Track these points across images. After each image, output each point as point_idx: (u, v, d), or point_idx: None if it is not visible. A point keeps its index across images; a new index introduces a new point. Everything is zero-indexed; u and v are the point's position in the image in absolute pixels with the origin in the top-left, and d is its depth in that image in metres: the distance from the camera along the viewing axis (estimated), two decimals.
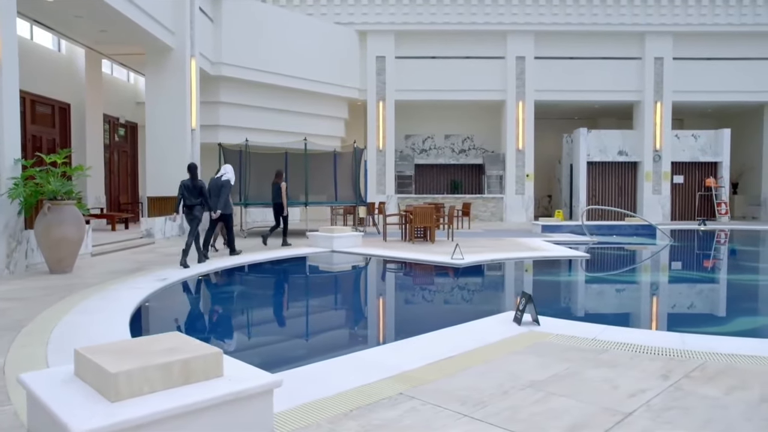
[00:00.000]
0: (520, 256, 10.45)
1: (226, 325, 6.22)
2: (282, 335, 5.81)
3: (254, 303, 7.56)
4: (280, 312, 6.98)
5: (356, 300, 8.02)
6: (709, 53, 21.73)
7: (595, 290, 8.44)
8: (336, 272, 10.50)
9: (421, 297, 8.01)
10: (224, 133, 17.54)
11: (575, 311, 6.84)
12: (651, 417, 2.95)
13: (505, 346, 4.36)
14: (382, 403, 3.16)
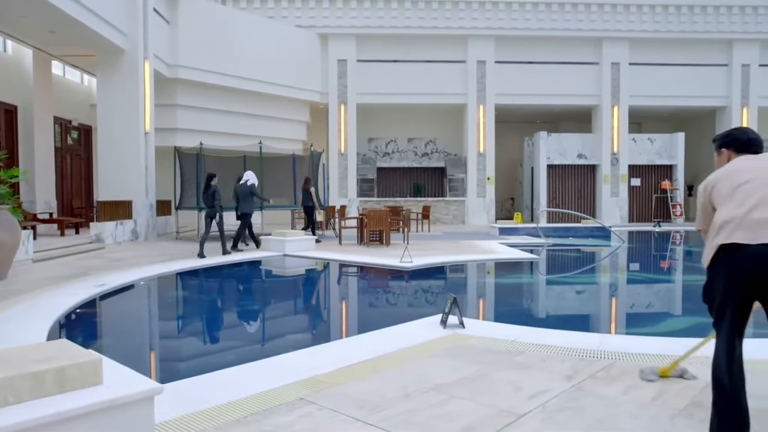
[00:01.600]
0: (471, 259, 10.52)
1: (150, 330, 6.10)
2: (204, 341, 5.72)
3: (187, 308, 7.46)
4: (209, 317, 6.86)
5: (291, 304, 7.94)
6: (664, 59, 22.24)
7: (531, 292, 8.55)
8: (281, 276, 10.39)
9: (360, 300, 8.00)
10: (182, 136, 17.29)
11: (504, 313, 6.89)
12: (543, 418, 2.98)
13: (424, 349, 4.37)
14: (279, 408, 3.13)
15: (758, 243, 2.31)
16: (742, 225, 2.37)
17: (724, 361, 2.46)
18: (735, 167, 2.63)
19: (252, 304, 7.69)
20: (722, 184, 2.59)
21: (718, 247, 2.44)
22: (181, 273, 9.25)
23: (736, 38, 21.83)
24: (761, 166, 2.57)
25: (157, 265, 9.44)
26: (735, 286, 2.37)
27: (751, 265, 2.32)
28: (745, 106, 22.25)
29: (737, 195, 2.49)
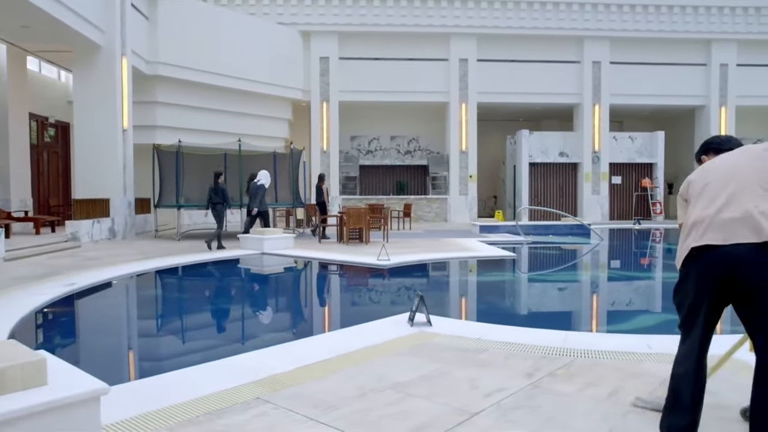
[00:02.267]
0: (448, 257, 10.54)
1: (114, 330, 6.00)
2: (167, 340, 5.65)
3: (154, 308, 7.38)
4: (175, 317, 6.79)
5: (262, 303, 7.86)
6: (645, 58, 22.42)
7: (503, 290, 8.58)
8: (255, 275, 10.34)
9: (332, 299, 7.99)
10: (163, 133, 17.13)
11: (474, 311, 6.92)
12: (496, 417, 2.99)
13: (388, 347, 4.37)
14: (234, 408, 3.11)
15: (729, 243, 2.29)
16: (713, 225, 2.34)
17: (692, 364, 2.43)
18: (709, 165, 2.62)
19: (222, 304, 7.62)
20: (697, 181, 2.58)
21: (691, 249, 2.43)
22: (154, 272, 9.16)
23: (714, 38, 22.08)
24: (732, 161, 2.53)
25: (131, 264, 9.35)
26: (707, 288, 2.35)
27: (722, 266, 2.29)
28: (723, 105, 22.53)
29: (706, 193, 2.47)
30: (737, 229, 2.27)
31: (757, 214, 2.26)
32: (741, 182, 2.39)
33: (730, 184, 2.40)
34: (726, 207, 2.35)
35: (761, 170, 2.39)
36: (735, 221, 2.29)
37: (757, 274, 2.22)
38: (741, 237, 2.25)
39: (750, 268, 2.23)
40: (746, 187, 2.36)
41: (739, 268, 2.24)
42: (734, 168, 2.47)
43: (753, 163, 2.44)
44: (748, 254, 2.23)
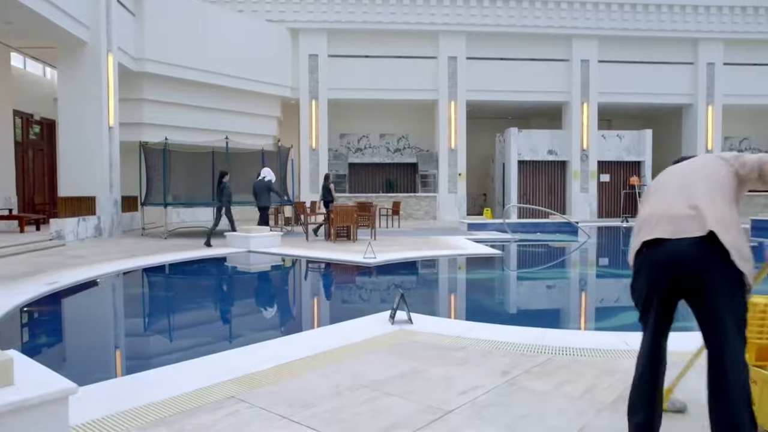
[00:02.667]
0: (434, 255, 10.54)
1: (93, 329, 5.94)
2: (146, 340, 5.60)
3: (134, 306, 7.32)
4: (156, 316, 6.75)
5: (245, 301, 7.82)
6: (633, 57, 22.53)
7: (487, 288, 8.56)
8: (240, 273, 10.29)
9: (317, 297, 7.97)
10: (150, 131, 17.01)
11: (457, 309, 6.92)
12: (469, 414, 2.99)
13: (367, 345, 4.36)
14: (206, 407, 3.09)
15: (678, 237, 2.31)
16: (662, 220, 2.37)
17: (648, 358, 2.45)
18: (666, 170, 2.71)
19: (204, 302, 7.58)
20: (654, 184, 2.67)
21: (642, 244, 2.45)
22: (138, 270, 9.10)
23: (701, 37, 22.22)
24: (685, 165, 2.61)
25: (115, 263, 9.28)
26: (657, 281, 2.37)
27: (670, 260, 2.31)
28: (710, 104, 22.68)
29: (658, 192, 2.53)
30: (685, 223, 2.30)
31: (705, 211, 2.30)
32: (691, 181, 2.44)
33: (682, 183, 2.47)
34: (675, 203, 2.39)
35: (711, 172, 2.46)
36: (683, 216, 2.33)
37: (701, 268, 2.24)
38: (688, 231, 2.28)
39: (695, 262, 2.25)
40: (695, 186, 2.41)
41: (685, 262, 2.27)
42: (688, 169, 2.55)
43: (705, 166, 2.52)
44: (694, 249, 2.26)
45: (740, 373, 2.22)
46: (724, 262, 2.23)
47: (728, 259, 2.23)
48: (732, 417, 2.18)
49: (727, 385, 2.21)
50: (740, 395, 2.20)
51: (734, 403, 2.20)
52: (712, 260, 2.24)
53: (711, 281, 2.24)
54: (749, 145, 25.39)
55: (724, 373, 2.23)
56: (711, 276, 2.24)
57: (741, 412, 2.19)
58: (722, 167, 2.46)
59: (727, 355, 2.23)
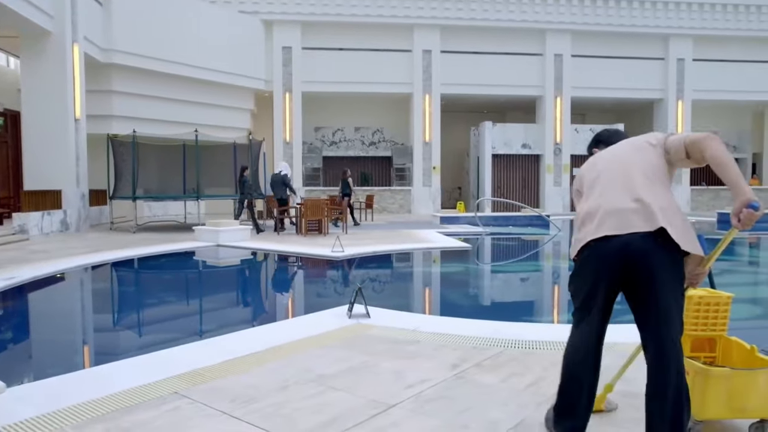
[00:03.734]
0: (403, 248, 10.55)
1: (45, 325, 5.82)
2: (98, 335, 5.50)
3: (92, 302, 7.15)
4: (112, 311, 6.62)
5: (206, 296, 7.67)
6: (605, 52, 22.76)
7: (451, 281, 8.59)
8: (205, 267, 10.16)
9: (280, 291, 7.93)
10: (119, 123, 16.72)
11: (417, 302, 6.94)
12: (412, 408, 2.98)
13: (322, 339, 4.34)
14: (148, 404, 3.04)
15: (626, 233, 2.31)
16: (608, 216, 2.37)
17: (592, 350, 2.45)
18: (597, 157, 2.67)
19: (163, 297, 7.45)
20: (588, 173, 2.63)
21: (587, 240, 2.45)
22: (101, 265, 8.96)
23: (672, 33, 22.54)
24: (618, 152, 2.58)
25: (79, 257, 9.13)
26: (604, 275, 2.37)
27: (619, 255, 2.31)
28: (680, 99, 23.04)
29: (598, 185, 2.50)
30: (631, 218, 2.31)
31: (649, 203, 2.31)
32: (629, 172, 2.44)
33: (620, 175, 2.45)
34: (618, 197, 2.38)
35: (644, 161, 2.46)
36: (628, 211, 2.33)
37: (650, 262, 2.26)
38: (636, 226, 2.29)
39: (644, 256, 2.26)
40: (634, 177, 2.41)
41: (635, 256, 2.28)
42: (622, 159, 2.52)
43: (637, 154, 2.50)
44: (643, 243, 2.27)
45: (681, 362, 2.25)
46: (670, 253, 2.27)
47: (674, 251, 2.27)
48: (674, 407, 2.21)
49: (671, 375, 2.23)
50: (682, 385, 2.23)
51: (677, 392, 2.22)
52: (660, 251, 2.26)
53: (659, 271, 2.26)
54: None
55: (668, 364, 2.24)
56: (659, 266, 2.26)
57: (682, 401, 2.22)
58: (653, 154, 2.47)
59: (670, 344, 2.25)
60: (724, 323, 2.93)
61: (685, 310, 2.87)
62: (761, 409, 2.62)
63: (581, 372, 2.46)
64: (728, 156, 2.30)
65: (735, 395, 2.59)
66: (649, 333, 2.30)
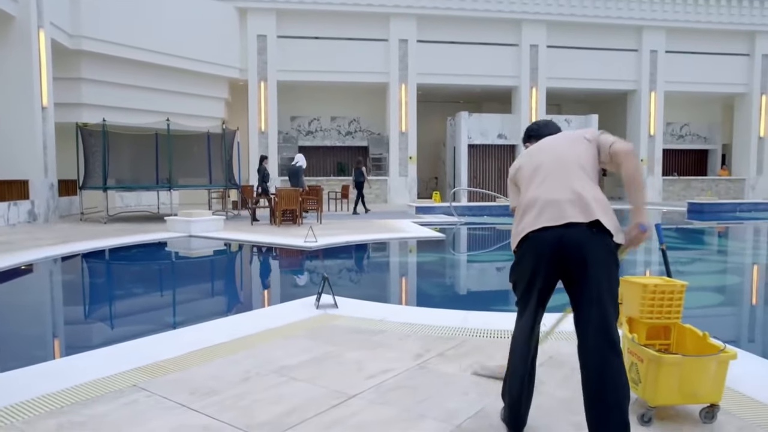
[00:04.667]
0: (377, 238, 10.55)
1: (4, 317, 5.68)
2: (61, 328, 5.38)
3: (55, 294, 6.98)
4: (76, 303, 6.47)
5: (174, 287, 7.52)
6: (580, 43, 22.92)
7: (422, 270, 8.60)
8: (175, 258, 10.00)
9: (250, 281, 7.88)
10: (89, 112, 16.39)
11: (387, 292, 6.94)
12: (372, 399, 2.99)
13: (287, 330, 4.32)
14: (104, 397, 3.00)
15: (562, 224, 2.36)
16: (547, 207, 2.41)
17: (526, 338, 2.52)
18: (534, 149, 2.73)
19: (131, 289, 7.30)
20: (525, 165, 2.66)
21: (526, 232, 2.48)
22: (68, 256, 8.79)
23: (645, 25, 22.79)
24: (555, 145, 2.63)
25: (45, 249, 8.95)
26: (541, 266, 2.42)
27: (556, 245, 2.36)
28: (653, 90, 23.34)
29: (536, 177, 2.55)
30: (568, 209, 2.36)
31: (584, 195, 2.37)
32: (565, 165, 2.50)
33: (557, 167, 2.50)
34: (555, 189, 2.44)
35: (580, 154, 2.52)
36: (565, 202, 2.38)
37: (586, 251, 2.31)
38: (572, 217, 2.34)
39: (580, 245, 2.32)
40: (570, 170, 2.47)
41: (571, 246, 2.33)
42: (558, 151, 2.58)
43: (573, 147, 2.56)
44: (578, 233, 2.33)
45: (613, 341, 2.28)
46: (605, 242, 2.33)
47: (608, 239, 2.34)
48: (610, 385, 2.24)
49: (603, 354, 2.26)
50: (617, 364, 2.26)
51: (611, 370, 2.25)
52: (595, 241, 2.32)
53: (594, 259, 2.30)
54: (689, 131, 26.32)
55: (600, 343, 2.28)
56: (594, 255, 2.31)
57: (619, 380, 2.25)
58: (588, 148, 2.54)
59: (604, 325, 2.28)
60: (678, 311, 2.98)
61: (641, 298, 2.93)
62: (711, 395, 2.68)
63: (518, 362, 2.53)
64: (641, 178, 2.46)
65: (686, 381, 2.65)
66: (583, 314, 2.35)
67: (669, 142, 25.57)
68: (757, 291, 7.12)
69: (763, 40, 23.87)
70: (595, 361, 2.28)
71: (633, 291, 2.97)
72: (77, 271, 8.67)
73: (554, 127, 2.89)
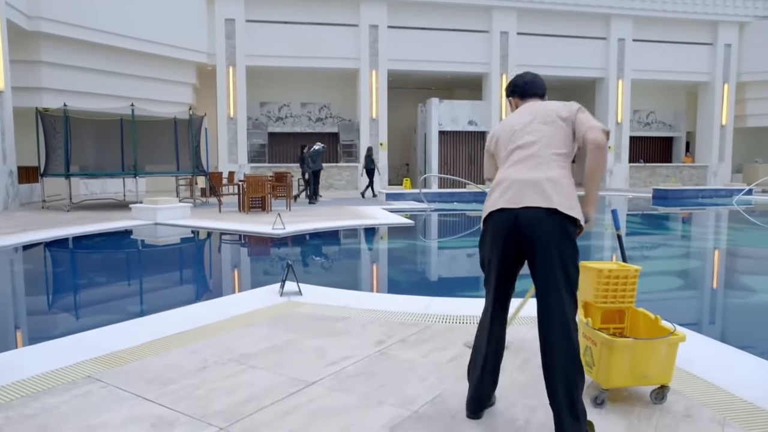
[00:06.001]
0: (345, 225, 10.52)
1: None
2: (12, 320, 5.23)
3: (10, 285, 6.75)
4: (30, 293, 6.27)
5: (136, 276, 7.36)
6: (551, 30, 23.07)
7: (390, 257, 8.61)
8: (139, 246, 9.79)
9: (215, 269, 7.77)
10: (49, 96, 15.91)
11: (354, 279, 6.93)
12: (330, 386, 2.98)
13: (249, 318, 4.28)
14: (57, 389, 2.93)
15: (520, 206, 2.37)
16: (511, 188, 2.44)
17: (488, 319, 2.55)
18: (512, 120, 2.69)
19: (96, 277, 7.14)
20: (504, 138, 2.65)
21: (488, 210, 2.51)
22: (28, 245, 8.56)
23: (613, 13, 23.03)
24: (529, 121, 2.60)
25: (3, 237, 8.69)
26: (498, 246, 2.46)
27: (512, 226, 2.39)
28: (621, 78, 23.66)
29: (511, 156, 2.56)
30: (528, 193, 2.38)
31: (546, 182, 2.39)
32: (538, 147, 2.50)
33: (530, 149, 2.50)
34: (522, 171, 2.46)
35: (551, 136, 2.52)
36: (528, 186, 2.40)
37: (539, 231, 2.34)
38: (530, 201, 2.37)
39: (533, 226, 2.34)
40: (540, 153, 2.48)
41: (525, 226, 2.36)
42: (533, 131, 2.55)
43: (548, 128, 2.54)
44: (533, 215, 2.35)
45: (568, 320, 2.32)
46: (560, 224, 2.35)
47: (564, 222, 2.36)
48: (565, 360, 2.29)
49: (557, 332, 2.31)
50: (571, 342, 2.31)
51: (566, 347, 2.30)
52: (550, 222, 2.35)
53: (550, 241, 2.33)
54: (655, 119, 26.79)
55: (555, 321, 2.33)
56: (550, 237, 2.34)
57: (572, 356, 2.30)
58: (561, 127, 2.53)
59: (559, 308, 2.32)
60: (632, 295, 3.04)
61: (596, 283, 2.97)
62: (661, 376, 2.75)
63: (479, 342, 2.56)
64: (601, 174, 2.48)
65: (637, 364, 2.70)
66: (540, 293, 2.39)
67: (636, 130, 26.02)
68: (711, 275, 7.32)
69: (725, 30, 24.38)
70: (551, 338, 2.32)
71: (588, 276, 3.01)
72: (37, 260, 8.45)
73: (539, 87, 2.82)
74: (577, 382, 2.29)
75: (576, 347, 2.33)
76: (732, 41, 24.53)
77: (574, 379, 2.28)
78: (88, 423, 2.56)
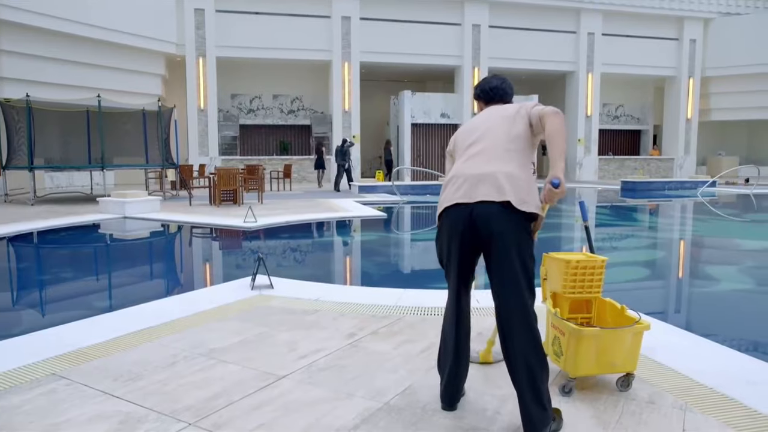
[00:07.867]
0: (318, 218, 10.49)
1: None
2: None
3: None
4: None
5: (103, 271, 7.16)
6: (522, 24, 23.24)
7: (362, 249, 8.61)
8: (106, 241, 9.56)
9: (184, 263, 7.66)
10: (11, 86, 15.43)
11: (325, 272, 6.92)
12: (301, 379, 2.97)
13: (220, 312, 4.24)
14: (20, 387, 2.86)
15: (474, 201, 2.40)
16: (465, 183, 2.46)
17: (451, 312, 2.59)
18: (472, 123, 2.73)
19: (61, 273, 6.95)
20: (461, 138, 2.69)
21: (443, 206, 2.53)
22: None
23: (583, 8, 23.31)
24: (488, 120, 2.64)
25: None
26: (455, 240, 2.48)
27: (467, 220, 2.41)
28: (590, 72, 23.99)
29: (466, 153, 2.59)
30: (482, 187, 2.40)
31: (500, 175, 2.41)
32: (492, 142, 2.53)
33: (484, 146, 2.53)
34: (477, 166, 2.48)
35: (509, 132, 2.55)
36: (482, 181, 2.42)
37: (494, 226, 2.36)
38: (485, 195, 2.39)
39: (488, 220, 2.36)
40: (495, 148, 2.51)
41: (480, 221, 2.38)
42: (489, 127, 2.60)
43: (504, 123, 2.58)
44: (487, 209, 2.37)
45: (527, 311, 2.35)
46: (514, 217, 2.37)
47: (518, 215, 2.37)
48: (527, 355, 2.32)
49: (516, 328, 2.35)
50: (531, 332, 2.35)
51: (528, 339, 2.34)
52: (504, 216, 2.36)
53: (503, 235, 2.35)
54: (624, 112, 27.25)
55: (513, 312, 2.37)
56: (504, 231, 2.35)
57: (534, 349, 2.34)
58: (519, 124, 2.55)
59: (516, 302, 2.36)
60: (599, 285, 3.09)
61: (564, 274, 3.02)
62: (627, 364, 2.81)
63: (447, 334, 2.59)
64: (562, 134, 2.42)
65: (604, 352, 2.76)
66: (495, 285, 2.42)
67: (605, 123, 26.44)
68: (676, 265, 7.49)
69: (690, 26, 24.89)
70: (512, 329, 2.35)
71: (556, 267, 3.06)
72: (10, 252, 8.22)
73: (505, 93, 2.84)
74: (541, 370, 2.32)
75: (537, 336, 2.36)
76: (697, 37, 25.06)
77: (538, 368, 2.31)
78: (52, 422, 2.51)
